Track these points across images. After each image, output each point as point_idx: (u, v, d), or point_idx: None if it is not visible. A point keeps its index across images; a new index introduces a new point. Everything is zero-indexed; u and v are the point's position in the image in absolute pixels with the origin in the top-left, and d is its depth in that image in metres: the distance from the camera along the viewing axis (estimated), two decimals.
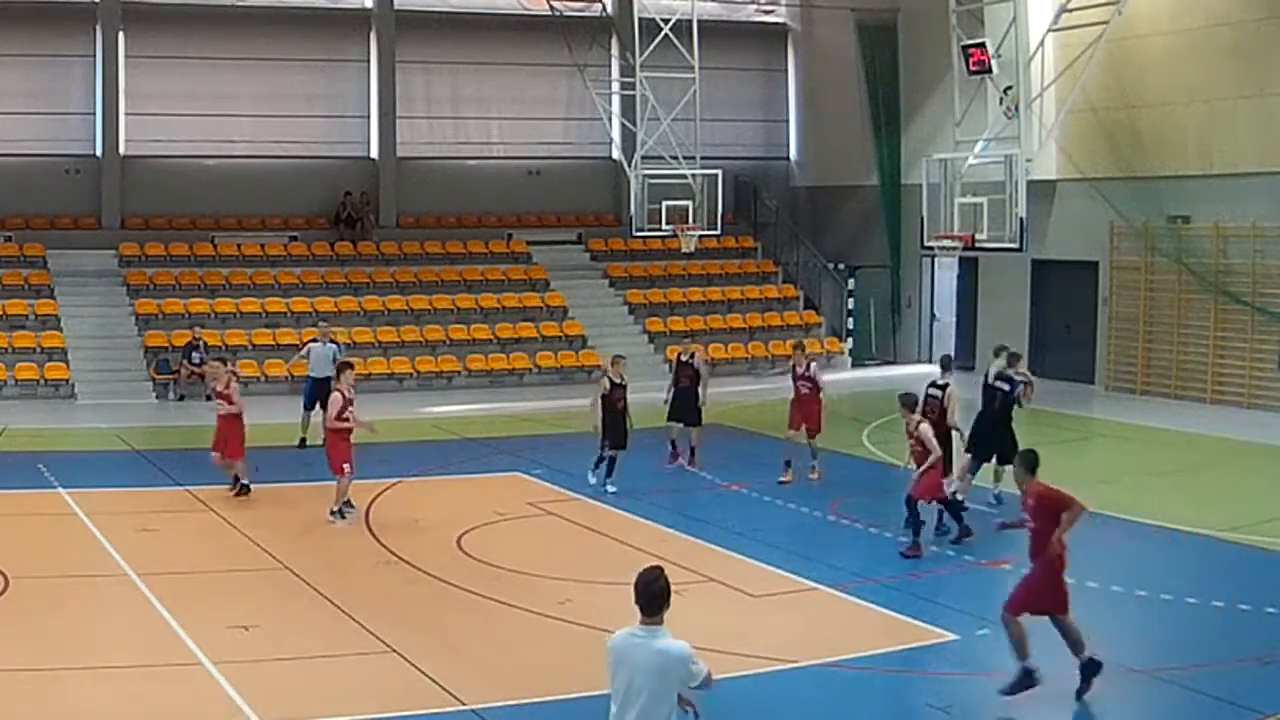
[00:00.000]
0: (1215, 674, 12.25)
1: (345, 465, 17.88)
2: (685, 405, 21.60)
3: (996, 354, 19.26)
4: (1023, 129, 26.39)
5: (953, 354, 21.21)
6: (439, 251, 34.97)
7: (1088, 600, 14.63)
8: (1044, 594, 11.75)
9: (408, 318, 32.58)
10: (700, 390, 21.64)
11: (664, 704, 7.92)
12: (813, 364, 21.43)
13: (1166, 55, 28.39)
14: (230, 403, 19.27)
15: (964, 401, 18.24)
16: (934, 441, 16.54)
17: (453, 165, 36.41)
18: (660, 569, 8.07)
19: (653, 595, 8.07)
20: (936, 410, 17.62)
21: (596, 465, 20.06)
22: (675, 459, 21.66)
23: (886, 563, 16.18)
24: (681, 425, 21.66)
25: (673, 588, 7.92)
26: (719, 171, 32.05)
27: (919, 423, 16.69)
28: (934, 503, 16.91)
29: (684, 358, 22.20)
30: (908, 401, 16.91)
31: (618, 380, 20.08)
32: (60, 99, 33.06)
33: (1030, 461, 12.06)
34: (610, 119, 33.57)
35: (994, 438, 18.32)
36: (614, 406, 19.87)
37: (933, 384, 18.18)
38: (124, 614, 13.71)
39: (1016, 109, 26.39)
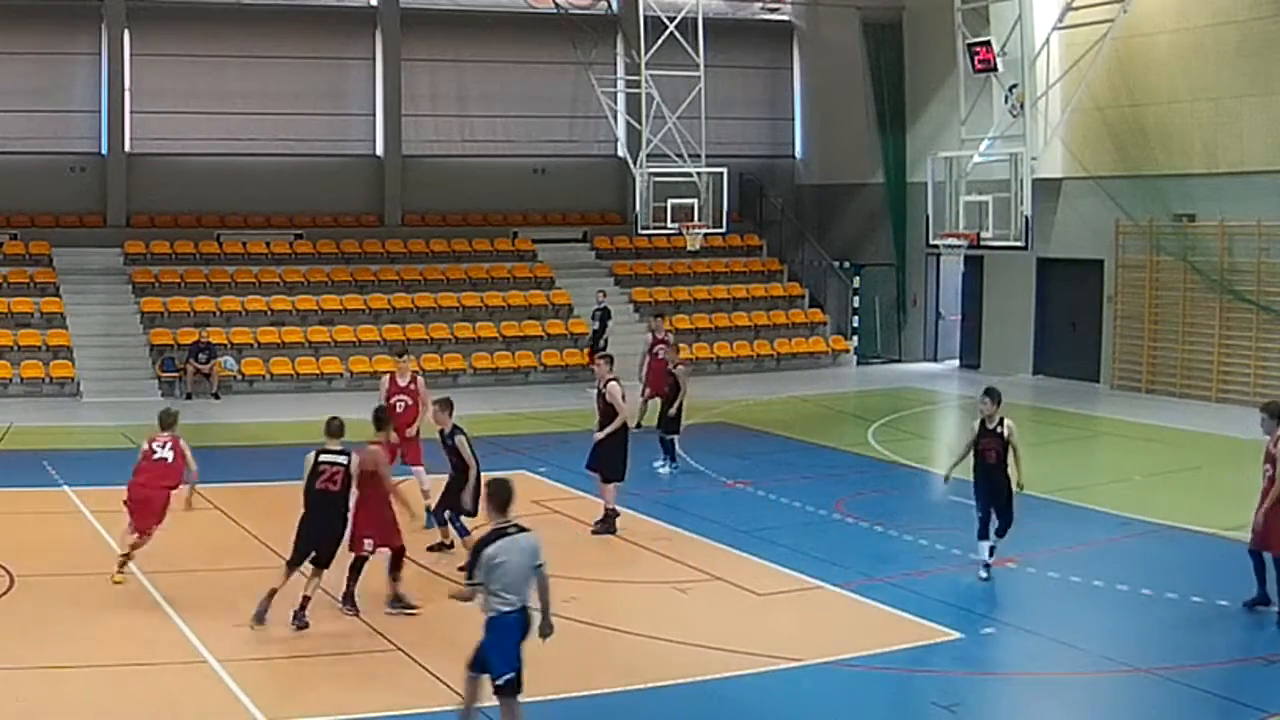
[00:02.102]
0: (1220, 672, 12.26)
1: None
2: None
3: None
4: (1028, 127, 26.40)
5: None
6: (444, 250, 34.99)
7: (1093, 599, 14.68)
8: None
9: (413, 316, 32.60)
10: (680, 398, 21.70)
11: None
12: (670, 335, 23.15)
13: (1172, 53, 28.37)
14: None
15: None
16: None
17: (458, 163, 36.42)
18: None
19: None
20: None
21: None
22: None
23: (891, 561, 16.19)
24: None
25: (678, 586, 7.93)
26: (724, 170, 32.05)
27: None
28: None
29: (670, 368, 22.41)
30: (1276, 411, 14.17)
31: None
32: (65, 97, 33.10)
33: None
34: (615, 117, 33.56)
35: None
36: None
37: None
38: (130, 612, 13.72)
39: (1022, 107, 26.40)
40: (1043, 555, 16.13)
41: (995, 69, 26.77)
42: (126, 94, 33.09)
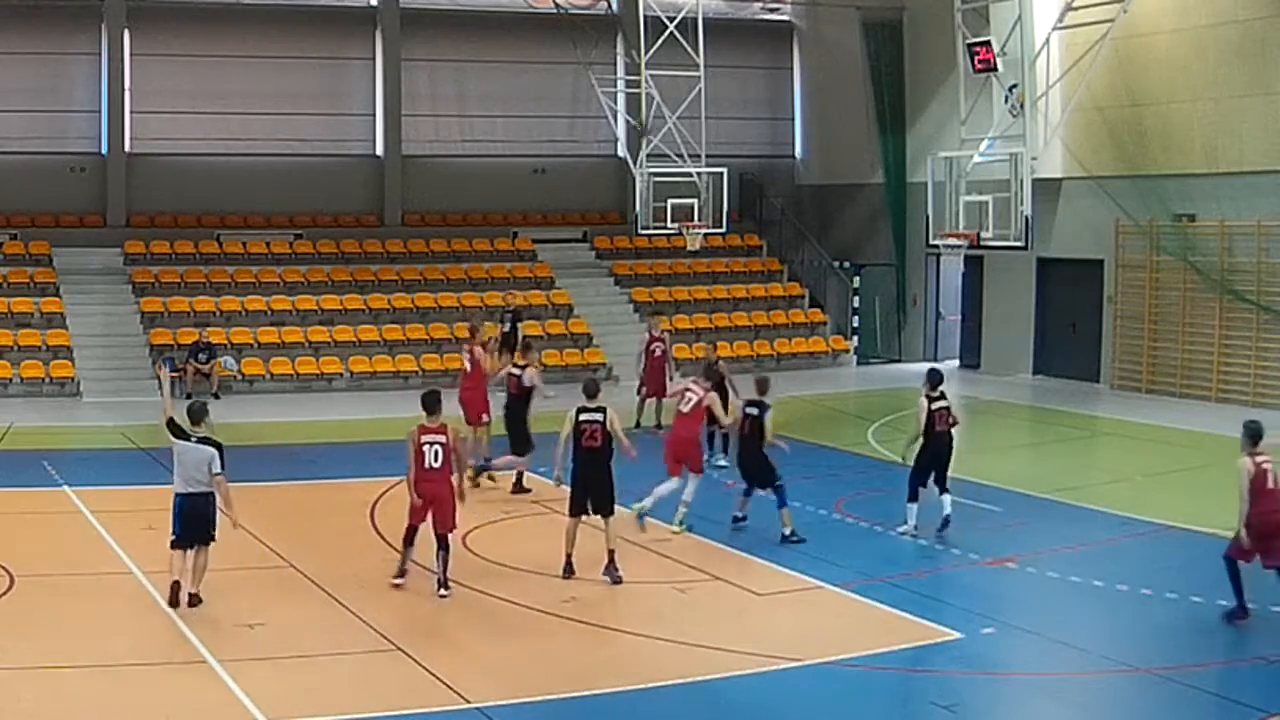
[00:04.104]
0: (1219, 672, 12.26)
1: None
2: None
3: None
4: (1028, 127, 26.40)
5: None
6: (444, 250, 34.99)
7: (1093, 599, 14.69)
8: None
9: (413, 316, 32.60)
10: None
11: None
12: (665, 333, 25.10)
13: (1172, 53, 28.37)
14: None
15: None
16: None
17: (458, 163, 36.42)
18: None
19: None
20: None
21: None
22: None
23: (891, 561, 16.19)
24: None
25: (678, 586, 7.94)
26: (724, 170, 32.03)
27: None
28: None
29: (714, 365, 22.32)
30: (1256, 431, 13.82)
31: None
32: (66, 97, 33.09)
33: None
34: (615, 117, 33.58)
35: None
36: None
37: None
38: (129, 612, 13.74)
39: (1022, 107, 26.40)
40: (1043, 555, 16.14)
41: (995, 69, 26.77)
42: (126, 94, 33.08)
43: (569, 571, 15.09)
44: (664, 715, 11.59)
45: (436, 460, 14.55)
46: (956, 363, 34.78)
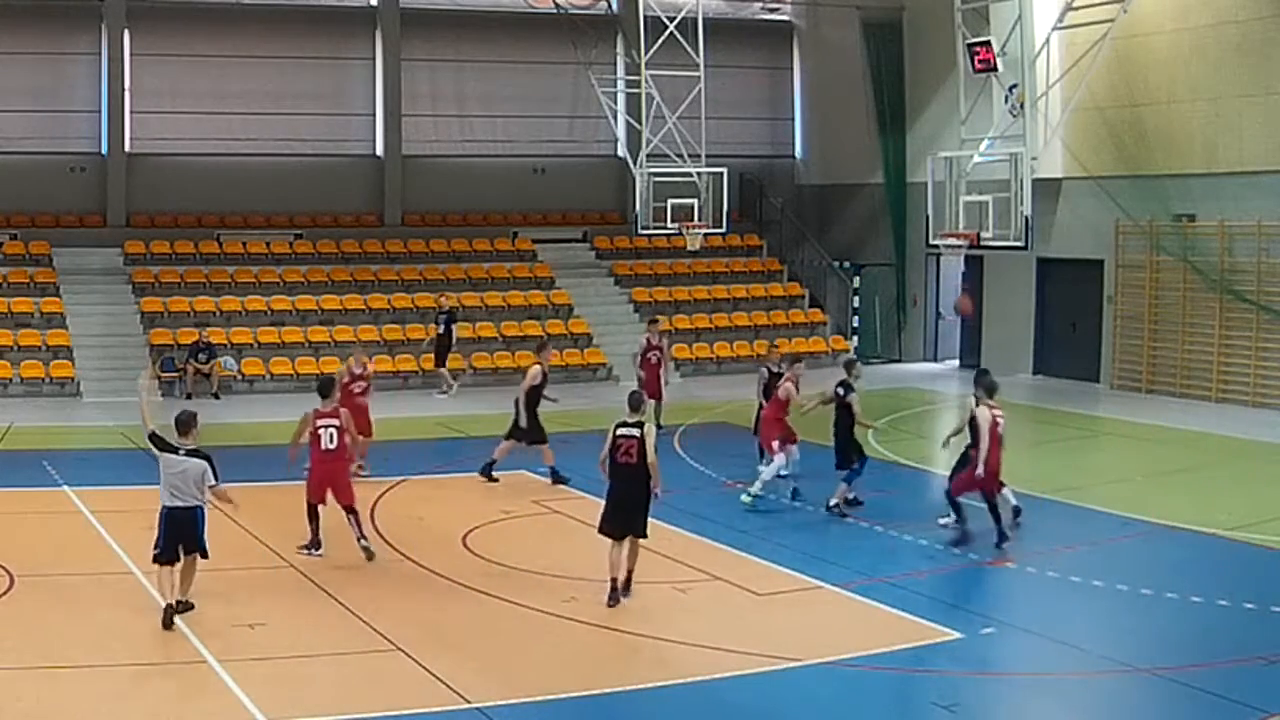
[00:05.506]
0: (1219, 672, 12.25)
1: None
2: None
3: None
4: (1028, 127, 26.42)
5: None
6: (444, 249, 34.99)
7: (1093, 599, 14.69)
8: None
9: (413, 316, 32.60)
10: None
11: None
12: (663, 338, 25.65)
13: (1172, 53, 28.38)
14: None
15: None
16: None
17: (458, 163, 36.43)
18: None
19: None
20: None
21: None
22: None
23: (891, 561, 16.19)
24: None
25: (678, 586, 7.92)
26: (724, 170, 32.06)
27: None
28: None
29: (773, 367, 21.57)
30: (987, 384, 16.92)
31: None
32: (66, 97, 33.10)
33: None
34: (615, 117, 33.59)
35: None
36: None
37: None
38: (130, 612, 13.72)
39: (1022, 107, 26.41)
40: (1043, 555, 16.14)
41: (995, 69, 26.79)
42: (126, 94, 33.08)
43: (614, 597, 14.15)
44: (664, 715, 11.59)
45: (332, 442, 15.77)
46: (956, 363, 34.78)
